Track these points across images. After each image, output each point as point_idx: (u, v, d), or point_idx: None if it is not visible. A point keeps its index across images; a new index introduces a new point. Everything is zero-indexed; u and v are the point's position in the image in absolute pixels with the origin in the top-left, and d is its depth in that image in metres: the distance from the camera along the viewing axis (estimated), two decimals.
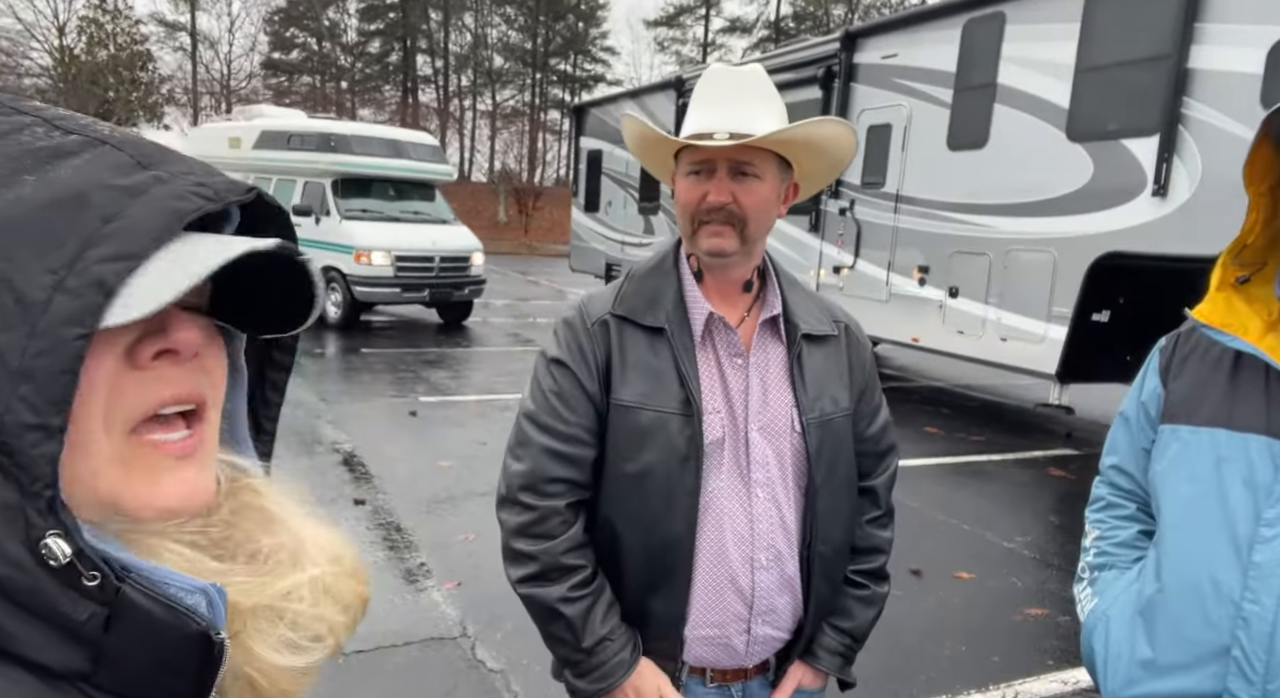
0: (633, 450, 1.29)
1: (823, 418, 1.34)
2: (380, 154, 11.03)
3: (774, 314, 1.34)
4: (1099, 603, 1.29)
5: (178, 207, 0.44)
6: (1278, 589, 1.06)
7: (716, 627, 1.32)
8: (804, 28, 38.44)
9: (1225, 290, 1.18)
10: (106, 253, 0.41)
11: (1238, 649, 1.08)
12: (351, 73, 45.72)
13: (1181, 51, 5.21)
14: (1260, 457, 1.10)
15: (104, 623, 0.42)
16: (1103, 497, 1.38)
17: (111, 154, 0.46)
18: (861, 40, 7.99)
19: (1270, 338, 1.13)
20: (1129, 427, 1.33)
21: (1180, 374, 1.24)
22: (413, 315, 11.93)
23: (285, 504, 0.58)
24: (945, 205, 7.04)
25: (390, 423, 6.21)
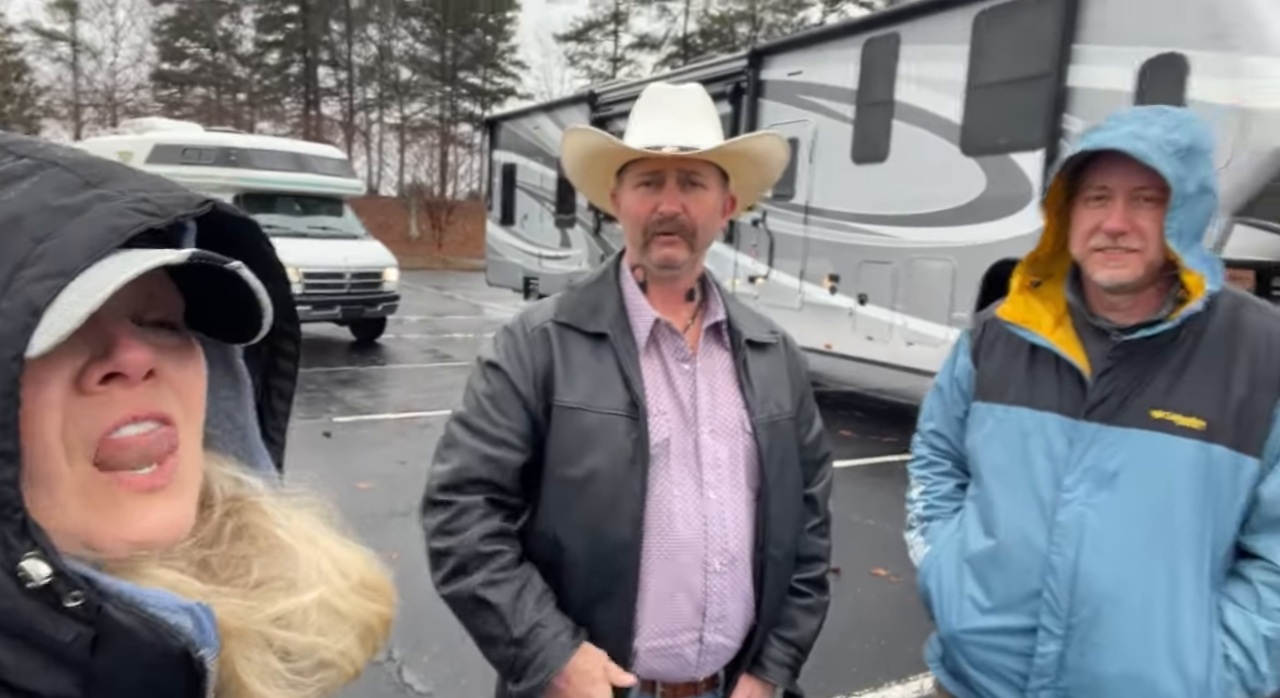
0: (577, 454, 1.28)
1: (771, 419, 1.36)
2: (284, 168, 10.69)
3: (718, 320, 1.37)
4: (931, 550, 1.51)
5: (116, 223, 0.43)
6: (1076, 543, 1.28)
7: (668, 636, 1.30)
8: (711, 45, 39.25)
9: (1024, 293, 1.40)
10: (38, 272, 0.40)
11: (1047, 592, 1.30)
12: (249, 85, 44.04)
13: (1061, 70, 5.59)
14: (1056, 432, 1.32)
15: (90, 645, 0.41)
16: (924, 455, 1.61)
17: (59, 175, 0.45)
18: (768, 58, 8.24)
19: (1059, 331, 1.35)
20: (943, 397, 1.56)
21: (989, 357, 1.46)
22: (324, 334, 11.54)
23: (296, 523, 0.56)
24: (852, 216, 7.31)
25: (303, 445, 6.00)
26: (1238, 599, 1.24)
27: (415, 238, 33.18)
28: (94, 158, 0.47)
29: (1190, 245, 1.23)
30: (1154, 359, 1.27)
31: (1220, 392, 1.23)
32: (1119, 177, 1.24)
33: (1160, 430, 1.24)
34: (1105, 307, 1.33)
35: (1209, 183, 1.23)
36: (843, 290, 7.40)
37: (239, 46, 43.53)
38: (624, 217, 1.35)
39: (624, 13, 43.81)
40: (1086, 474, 1.29)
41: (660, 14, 43.27)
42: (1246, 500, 1.23)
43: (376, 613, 0.56)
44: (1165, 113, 1.24)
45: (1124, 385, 1.28)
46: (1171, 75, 4.99)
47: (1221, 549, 1.25)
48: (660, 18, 43.60)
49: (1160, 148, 1.18)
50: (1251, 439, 1.22)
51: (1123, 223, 1.23)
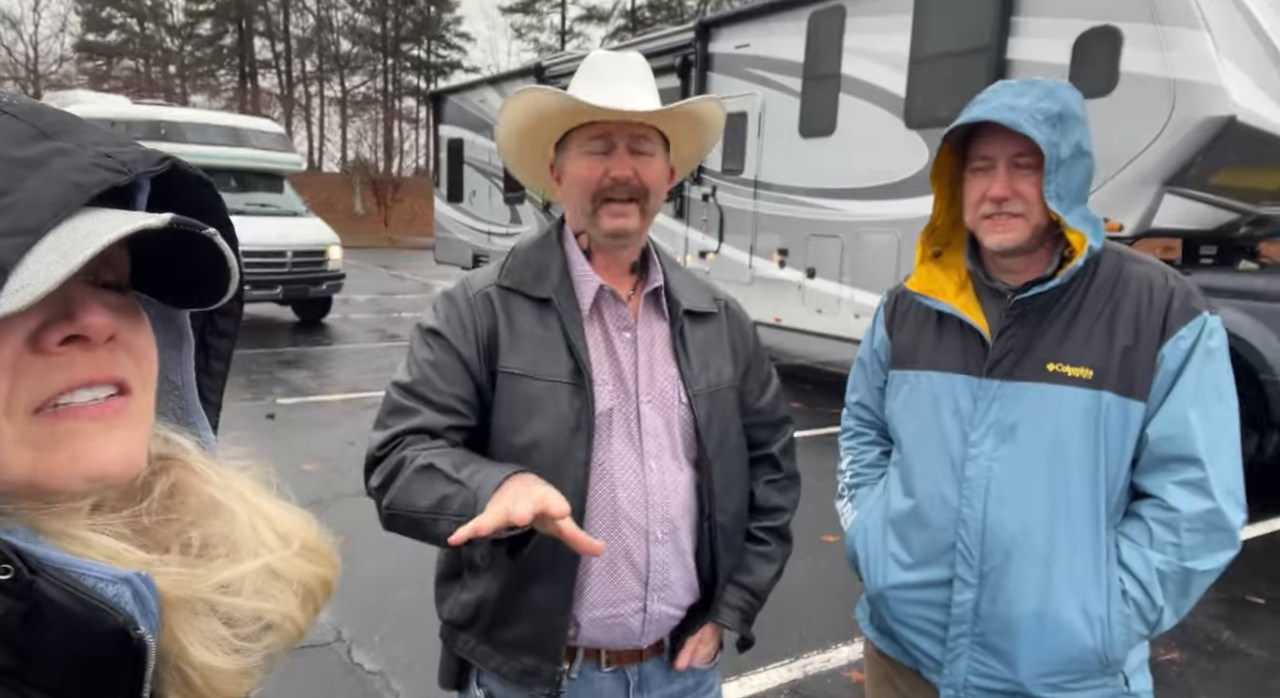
0: (521, 420, 1.26)
1: (709, 389, 1.36)
2: (219, 142, 10.31)
3: (656, 286, 1.36)
4: (857, 515, 1.57)
5: (80, 179, 0.42)
6: (983, 496, 1.36)
7: (611, 605, 1.29)
8: (660, 17, 38.97)
9: (926, 264, 1.47)
10: (2, 228, 0.39)
11: (960, 544, 1.38)
12: (180, 57, 42.31)
13: (1000, 43, 5.67)
14: (962, 392, 1.39)
15: (22, 620, 0.40)
16: (850, 427, 1.67)
17: (10, 124, 0.43)
18: (715, 30, 8.20)
19: (962, 296, 1.42)
20: (865, 369, 1.62)
21: (902, 327, 1.52)
22: (266, 314, 11.24)
23: (231, 484, 0.55)
24: (800, 190, 7.36)
25: (245, 427, 5.84)
26: (1132, 536, 1.31)
27: (360, 215, 32.42)
28: (45, 107, 0.46)
29: (1072, 206, 1.29)
30: (1046, 315, 1.34)
31: (1106, 341, 1.29)
32: (998, 145, 1.30)
33: (1054, 382, 1.31)
34: (1000, 270, 1.40)
35: (1084, 145, 1.29)
36: (791, 264, 7.46)
37: (169, 17, 41.76)
38: (571, 185, 1.32)
39: None
40: (990, 429, 1.35)
41: None
42: (1136, 442, 1.30)
43: (316, 575, 0.56)
44: (1036, 84, 1.30)
45: (1020, 342, 1.34)
46: (1106, 47, 5.10)
47: (1116, 490, 1.32)
48: None
49: (1031, 116, 1.25)
50: (1137, 384, 1.28)
51: (1004, 189, 1.30)
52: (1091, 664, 1.31)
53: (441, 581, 1.40)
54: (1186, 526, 1.26)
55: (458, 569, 1.37)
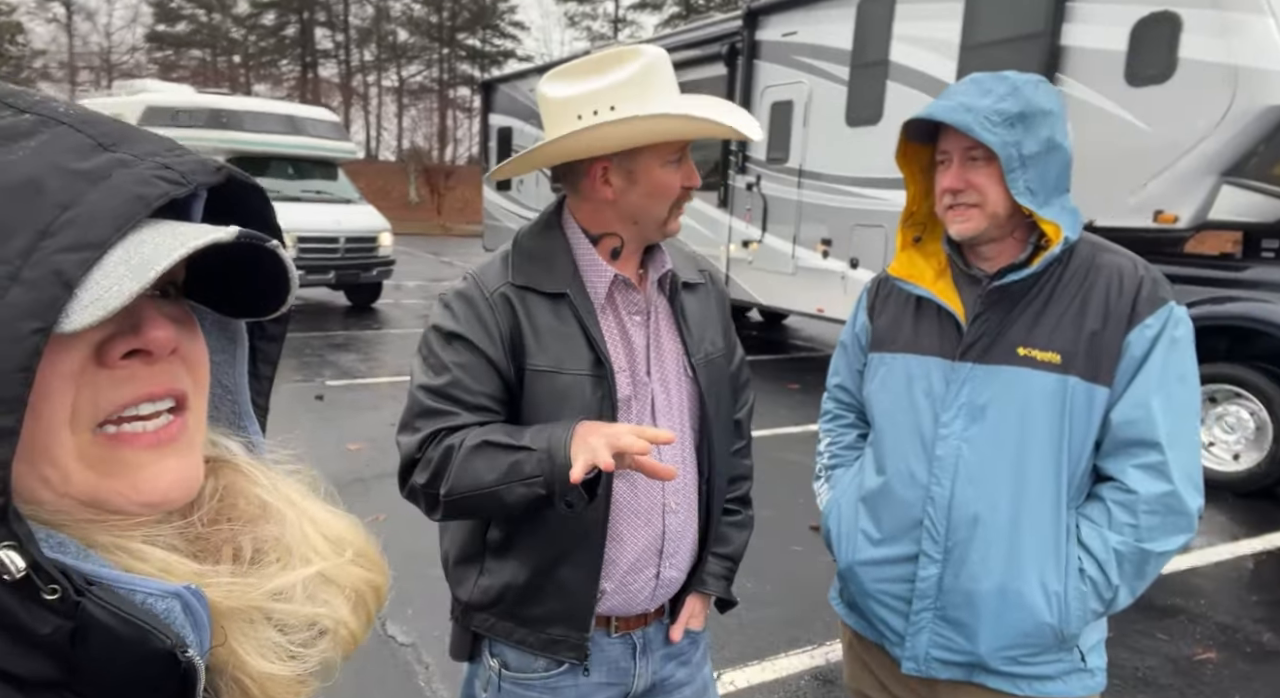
0: (550, 415, 1.29)
1: (707, 358, 1.42)
2: (276, 131, 10.60)
3: (666, 270, 1.40)
4: (833, 494, 1.62)
5: (142, 192, 0.42)
6: (952, 474, 1.40)
7: (630, 576, 1.36)
8: (714, 5, 38.61)
9: (907, 250, 1.51)
10: (65, 242, 0.39)
11: (927, 520, 1.42)
12: (245, 46, 43.49)
13: (1055, 29, 5.51)
14: (936, 374, 1.43)
15: (70, 636, 0.40)
16: (830, 410, 1.72)
17: (69, 135, 0.43)
18: (763, 18, 8.11)
19: (940, 282, 1.47)
20: (846, 353, 1.67)
21: (882, 312, 1.57)
22: (319, 298, 11.56)
23: (280, 489, 0.55)
24: (845, 180, 7.27)
25: (295, 408, 6.06)
26: (1091, 517, 1.35)
27: (414, 203, 32.99)
28: (99, 116, 0.46)
29: (1050, 199, 1.33)
30: (1019, 301, 1.38)
31: (1075, 328, 1.33)
32: (953, 140, 1.35)
33: (1024, 366, 1.35)
34: (976, 257, 1.44)
35: (1056, 139, 1.32)
36: (835, 254, 7.38)
37: (235, 7, 42.86)
38: (649, 194, 1.31)
39: None
40: (961, 410, 1.39)
41: None
42: (1100, 426, 1.33)
43: (367, 580, 0.56)
44: (1004, 80, 1.33)
45: (993, 327, 1.38)
46: (1164, 33, 4.93)
47: (1078, 472, 1.36)
48: None
49: (987, 119, 1.28)
50: (1103, 369, 1.31)
51: (956, 181, 1.35)
52: (1048, 639, 1.35)
53: (459, 563, 1.41)
54: (1145, 508, 1.29)
55: (475, 551, 1.38)
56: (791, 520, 4.16)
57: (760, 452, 6.44)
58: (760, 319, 10.98)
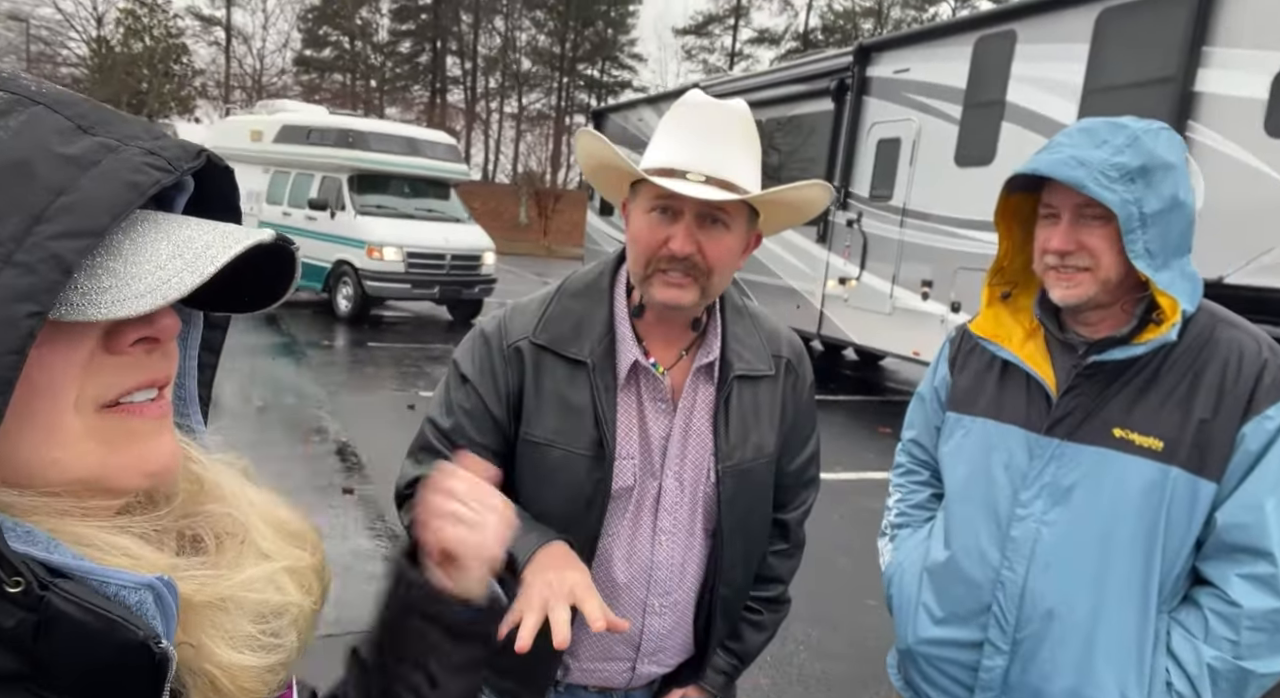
0: (533, 489, 1.22)
1: (740, 466, 1.26)
2: (397, 151, 11.18)
3: (710, 360, 1.26)
4: (895, 557, 1.52)
5: (135, 180, 0.42)
6: (1027, 558, 1.28)
7: (599, 663, 1.28)
8: (832, 40, 38.43)
9: (994, 306, 1.38)
10: (62, 228, 0.39)
11: (996, 606, 1.30)
12: (381, 72, 46.21)
13: (1188, 75, 5.19)
14: (1018, 446, 1.31)
15: (33, 630, 0.40)
16: (903, 464, 1.60)
17: (47, 116, 0.42)
18: (875, 54, 8.01)
19: (1030, 345, 1.34)
20: (924, 406, 1.55)
21: (964, 368, 1.45)
22: (423, 312, 12.04)
23: (227, 478, 0.56)
24: (951, 221, 7.03)
25: (388, 416, 6.29)
26: (1186, 625, 1.21)
27: (523, 225, 34.03)
28: (71, 95, 0.46)
29: (1168, 261, 1.19)
30: (1120, 376, 1.24)
31: (1182, 412, 1.20)
32: (1063, 195, 1.22)
33: (1119, 449, 1.22)
34: (1075, 321, 1.30)
35: (1180, 195, 1.18)
36: (936, 297, 7.13)
37: (375, 35, 45.69)
38: (632, 240, 1.20)
39: (745, 6, 43.47)
40: (1044, 490, 1.28)
41: (782, 8, 42.82)
42: (1202, 525, 1.20)
43: (308, 562, 0.56)
44: (1121, 129, 1.19)
45: (1088, 402, 1.26)
46: None
47: (1173, 573, 1.22)
48: (782, 12, 43.13)
49: (1103, 174, 1.15)
50: (1210, 462, 1.18)
51: (1066, 242, 1.22)
52: None
53: None
54: (1248, 623, 1.15)
55: None
56: (868, 572, 4.00)
57: (842, 497, 6.29)
58: (856, 358, 10.71)
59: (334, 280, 10.68)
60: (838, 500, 4.82)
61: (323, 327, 10.20)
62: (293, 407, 6.35)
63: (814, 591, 3.38)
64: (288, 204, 11.48)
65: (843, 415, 7.69)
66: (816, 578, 2.89)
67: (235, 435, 0.63)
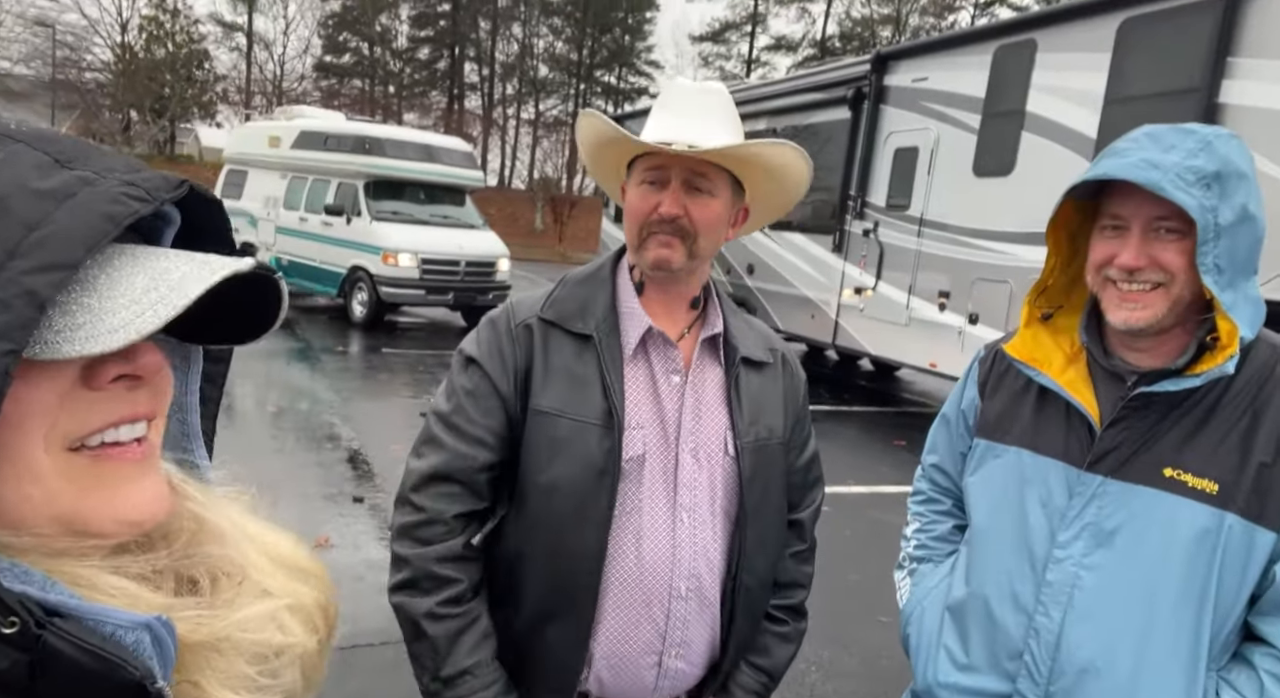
0: (546, 460, 1.22)
1: (758, 443, 1.29)
2: (413, 158, 11.21)
3: (715, 333, 1.31)
4: (915, 593, 1.42)
5: (110, 211, 0.41)
6: (1064, 605, 1.18)
7: (626, 657, 1.25)
8: (850, 47, 38.33)
9: (1033, 326, 1.29)
10: (35, 263, 0.38)
11: (1028, 655, 1.20)
12: (400, 78, 46.58)
13: (1212, 86, 5.11)
14: (1057, 482, 1.22)
15: (29, 670, 0.39)
16: (924, 491, 1.51)
17: (26, 153, 0.42)
18: (892, 63, 7.96)
19: (1070, 372, 1.24)
20: (949, 429, 1.45)
21: (996, 392, 1.35)
22: (438, 318, 12.07)
23: (229, 514, 0.55)
24: (969, 231, 6.97)
25: (401, 422, 6.29)
26: (1238, 686, 1.11)
27: (539, 231, 34.14)
28: (52, 132, 0.45)
29: (1234, 281, 1.09)
30: (1171, 411, 1.15)
31: (1240, 454, 1.10)
32: (1134, 205, 1.11)
33: (1169, 490, 1.12)
34: (1124, 347, 1.21)
35: (1250, 208, 1.09)
36: (953, 308, 7.06)
37: (394, 41, 46.08)
38: (628, 213, 1.28)
39: (762, 14, 43.49)
40: (1084, 531, 1.18)
41: (800, 15, 42.86)
42: (1259, 577, 1.10)
43: (314, 599, 0.55)
44: (1190, 134, 1.09)
45: (1135, 437, 1.16)
46: None
47: (1225, 628, 1.13)
48: (799, 19, 43.17)
49: (1180, 177, 1.05)
50: (1270, 510, 1.08)
51: (1138, 258, 1.11)
52: None
53: None
54: None
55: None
56: (881, 588, 3.94)
57: (856, 511, 6.20)
58: (872, 369, 10.62)
59: (349, 286, 10.72)
60: (850, 515, 4.76)
61: (337, 332, 10.23)
62: (306, 412, 6.36)
63: (825, 607, 3.33)
64: (304, 210, 11.53)
65: (857, 427, 7.62)
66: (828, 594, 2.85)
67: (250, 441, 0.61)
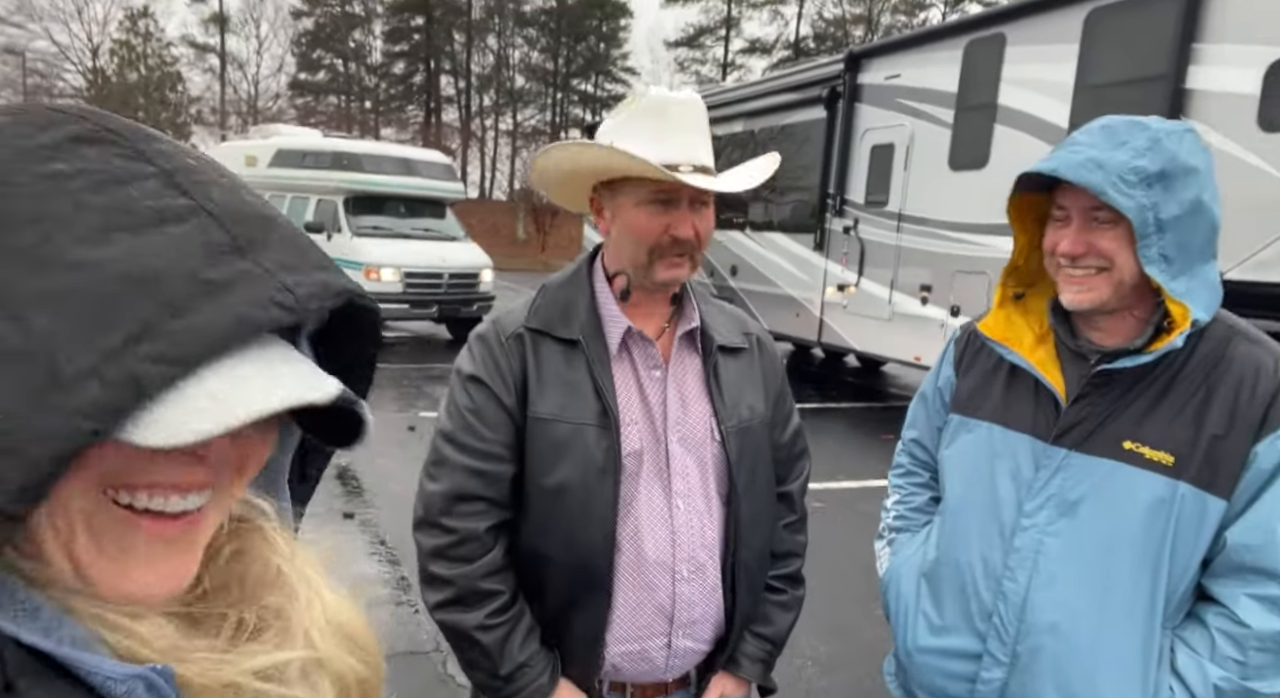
0: (550, 464, 1.27)
1: (741, 425, 1.35)
2: (392, 172, 11.19)
3: (692, 327, 1.36)
4: (894, 562, 1.48)
5: (252, 315, 0.41)
6: (1029, 571, 1.25)
7: (637, 641, 1.31)
8: (824, 48, 38.59)
9: (1005, 306, 1.34)
10: (157, 351, 0.38)
11: (996, 617, 1.28)
12: (376, 93, 46.47)
13: (1179, 72, 5.18)
14: (1025, 455, 1.28)
15: None
16: (903, 465, 1.57)
17: (211, 230, 0.42)
18: (865, 61, 8.03)
19: (1040, 350, 1.30)
20: (926, 406, 1.52)
21: (970, 369, 1.41)
22: (423, 331, 12.03)
23: (298, 562, 0.53)
24: (947, 225, 7.02)
25: (387, 438, 6.27)
26: (1191, 644, 1.19)
27: (522, 241, 34.12)
28: (249, 208, 0.45)
29: (1188, 268, 1.15)
30: (1132, 387, 1.21)
31: (1194, 427, 1.17)
32: (1074, 196, 1.19)
33: (1128, 462, 1.19)
34: (1087, 326, 1.27)
35: (1204, 199, 1.14)
36: (935, 301, 7.11)
37: (369, 57, 46.00)
38: (626, 231, 1.29)
39: (736, 17, 43.72)
40: (1049, 501, 1.25)
41: (773, 18, 42.96)
42: (1210, 542, 1.18)
43: (359, 675, 0.53)
44: (1143, 130, 1.14)
45: (1098, 412, 1.23)
46: None
47: (1179, 590, 1.20)
48: (772, 22, 43.29)
49: (1121, 178, 1.11)
50: (1221, 479, 1.15)
51: (1076, 245, 1.19)
52: None
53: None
54: (1255, 644, 1.13)
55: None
56: (875, 582, 3.96)
57: (846, 504, 6.22)
58: (857, 365, 10.67)
59: None
60: (841, 509, 4.78)
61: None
62: None
63: (820, 600, 3.34)
64: None
65: (845, 423, 7.65)
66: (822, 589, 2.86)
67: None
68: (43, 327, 0.37)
